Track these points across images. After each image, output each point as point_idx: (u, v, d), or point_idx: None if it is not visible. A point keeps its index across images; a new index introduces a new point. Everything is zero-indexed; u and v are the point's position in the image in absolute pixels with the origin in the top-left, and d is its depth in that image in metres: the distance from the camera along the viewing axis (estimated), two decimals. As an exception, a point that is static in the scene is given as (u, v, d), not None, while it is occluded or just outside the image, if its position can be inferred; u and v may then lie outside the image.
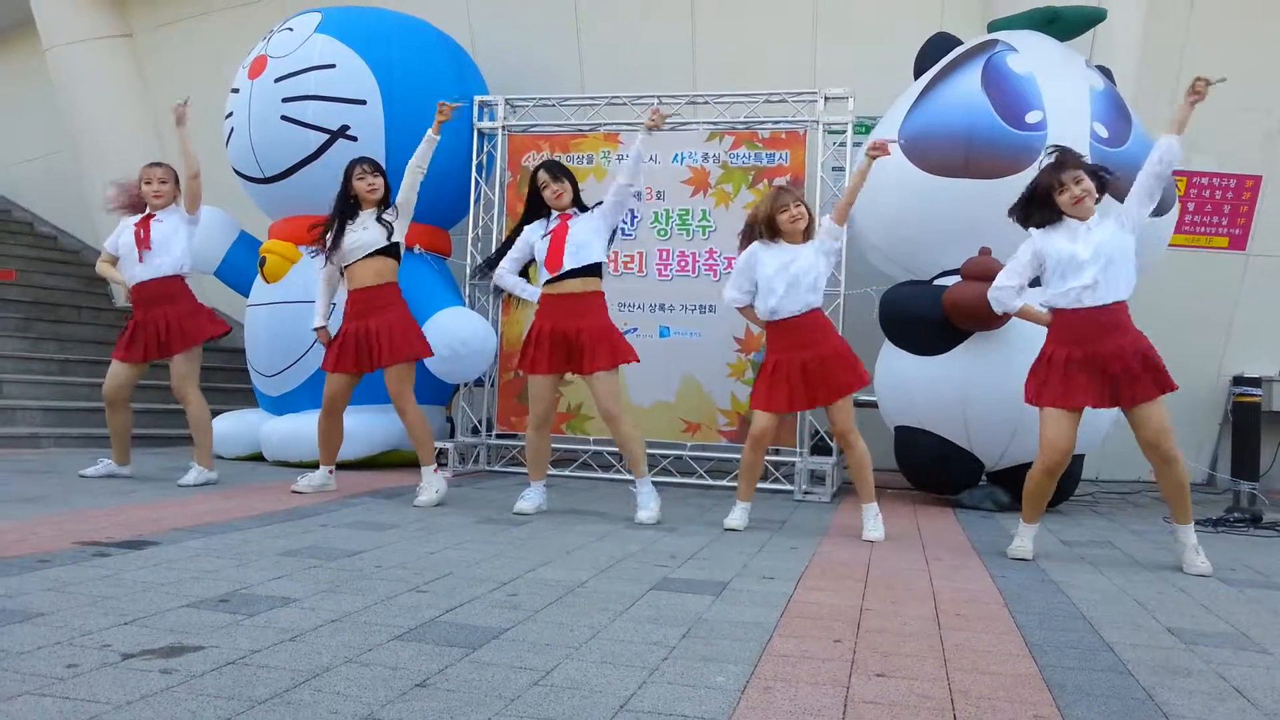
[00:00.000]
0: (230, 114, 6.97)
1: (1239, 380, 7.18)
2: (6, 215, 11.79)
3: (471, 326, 6.26)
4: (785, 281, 4.45)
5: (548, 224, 4.79)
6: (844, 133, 6.30)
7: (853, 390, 4.51)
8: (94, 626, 2.43)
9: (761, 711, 2.03)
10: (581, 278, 4.68)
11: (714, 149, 6.48)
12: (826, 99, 6.33)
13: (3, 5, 10.92)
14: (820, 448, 6.26)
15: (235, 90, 6.96)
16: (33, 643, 2.27)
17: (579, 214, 4.80)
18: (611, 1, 8.00)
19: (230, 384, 8.79)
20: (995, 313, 4.41)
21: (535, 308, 4.82)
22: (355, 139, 6.49)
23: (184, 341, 5.29)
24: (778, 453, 6.32)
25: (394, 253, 5.06)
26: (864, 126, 6.41)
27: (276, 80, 6.65)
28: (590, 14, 8.03)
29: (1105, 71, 6.06)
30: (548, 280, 4.71)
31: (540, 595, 3.00)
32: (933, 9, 7.38)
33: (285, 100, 6.59)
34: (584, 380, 4.78)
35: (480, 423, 6.95)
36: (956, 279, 5.49)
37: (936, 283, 5.76)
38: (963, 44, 6.10)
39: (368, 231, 4.99)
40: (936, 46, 6.16)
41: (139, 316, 5.33)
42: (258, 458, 6.63)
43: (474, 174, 6.97)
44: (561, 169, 4.84)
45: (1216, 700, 2.25)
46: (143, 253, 5.28)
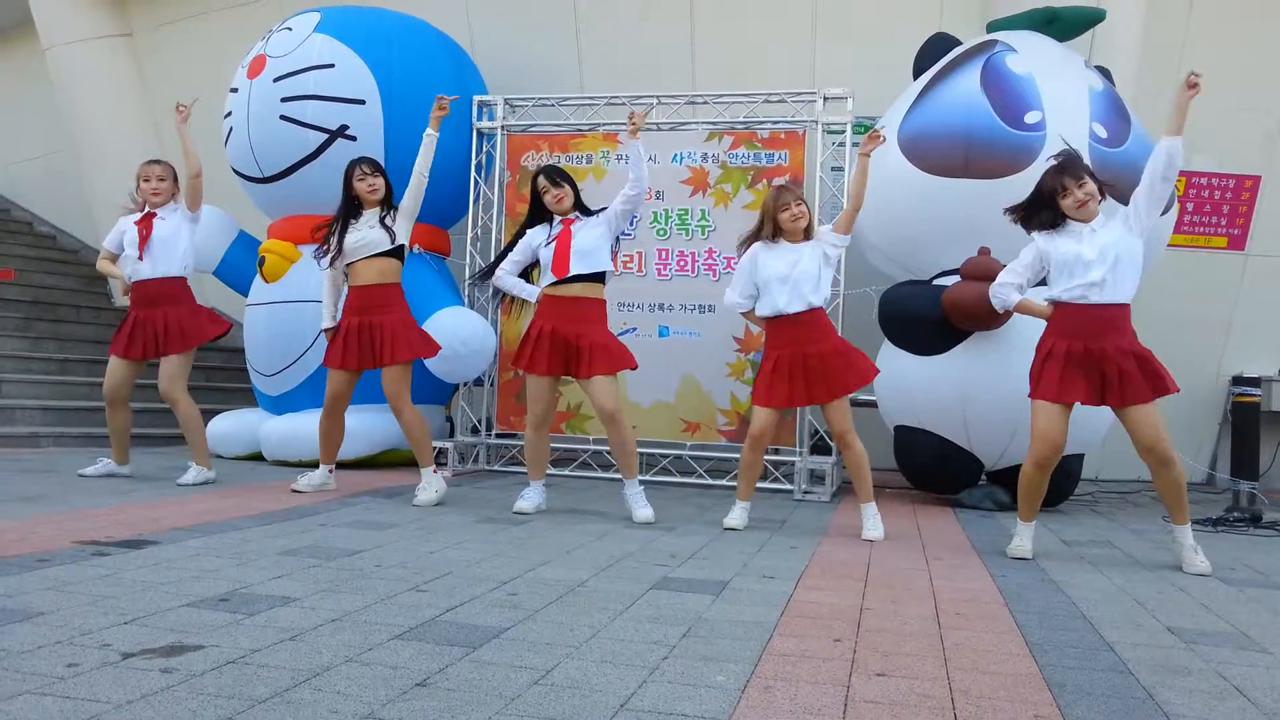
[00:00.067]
0: (229, 113, 6.97)
1: (1238, 380, 7.18)
2: (6, 215, 11.79)
3: (471, 326, 6.26)
4: (787, 280, 4.45)
5: (551, 230, 4.78)
6: (843, 133, 6.29)
7: (853, 390, 4.52)
8: (94, 626, 2.43)
9: (762, 711, 2.03)
10: (586, 283, 4.69)
11: (713, 149, 6.48)
12: (826, 99, 6.33)
13: (3, 5, 10.92)
14: (820, 447, 6.25)
15: (234, 90, 6.95)
16: (33, 642, 2.27)
17: (582, 217, 4.80)
18: (611, 1, 8.00)
19: (230, 384, 8.79)
20: (995, 311, 4.41)
21: (534, 307, 4.83)
22: (354, 139, 6.49)
23: (183, 342, 5.28)
24: (777, 452, 6.32)
25: (398, 254, 5.06)
26: (863, 126, 6.41)
27: (275, 80, 6.64)
28: (589, 14, 8.03)
29: (1104, 72, 6.07)
30: (552, 282, 4.71)
31: (540, 594, 3.00)
32: (932, 9, 7.38)
33: (284, 100, 6.59)
34: (581, 384, 4.77)
35: (480, 422, 6.95)
36: (956, 279, 5.50)
37: (936, 282, 5.76)
38: (962, 44, 6.11)
39: (373, 230, 4.99)
40: (936, 47, 6.17)
41: (138, 315, 5.30)
42: (257, 457, 6.63)
43: (473, 174, 6.97)
44: (561, 174, 4.84)
45: (1217, 699, 2.25)
46: (144, 251, 5.27)
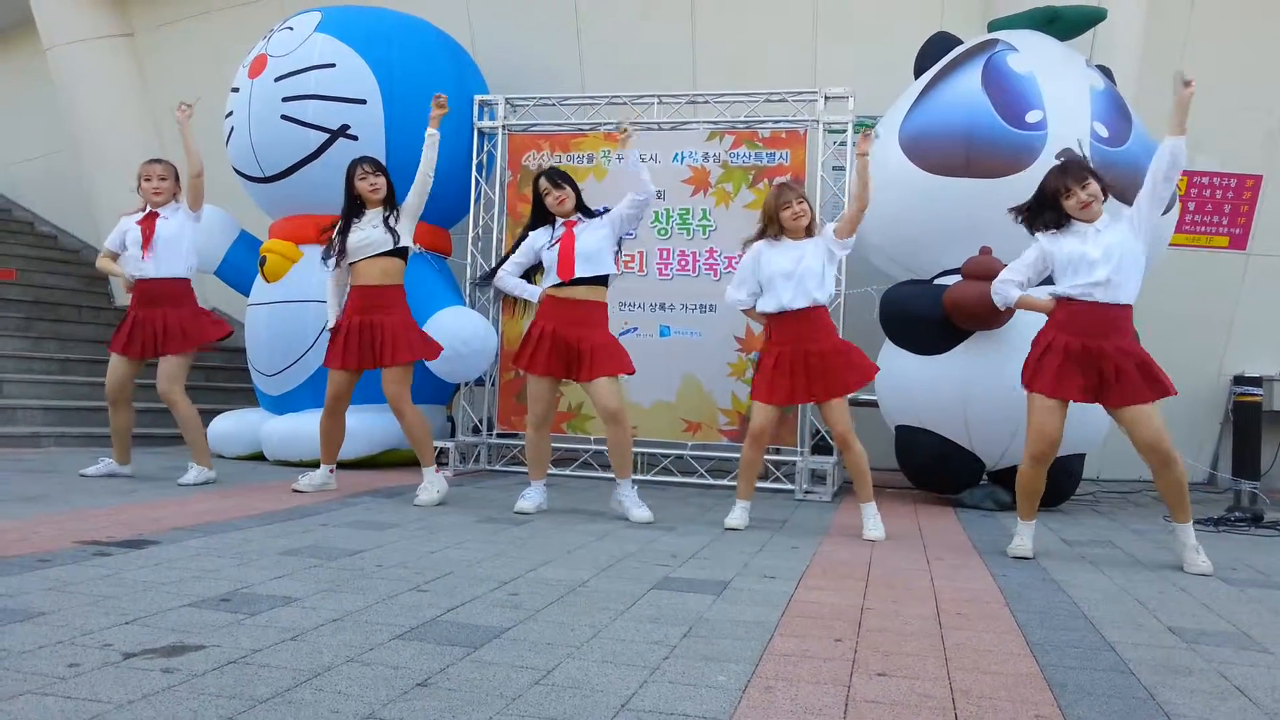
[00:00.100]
0: (230, 113, 6.97)
1: (1240, 380, 7.18)
2: (7, 215, 11.79)
3: (472, 326, 6.26)
4: (792, 276, 4.45)
5: (553, 232, 4.77)
6: (844, 132, 6.29)
7: (853, 390, 4.52)
8: (95, 626, 2.43)
9: (763, 711, 2.03)
10: (590, 286, 4.68)
11: (714, 148, 6.48)
12: (827, 98, 6.33)
13: (3, 5, 10.92)
14: (821, 447, 6.25)
15: (235, 89, 6.95)
16: (34, 642, 2.27)
17: (584, 219, 4.80)
18: (611, 1, 8.00)
19: (230, 383, 8.79)
20: (996, 310, 4.40)
21: (536, 307, 4.82)
22: (355, 138, 6.49)
23: (183, 343, 5.28)
24: (778, 452, 6.32)
25: (401, 254, 5.05)
26: (864, 125, 6.40)
27: (276, 79, 6.64)
28: (590, 13, 8.03)
29: (1106, 71, 6.06)
30: (556, 284, 4.69)
31: (541, 594, 3.00)
32: (933, 8, 7.38)
33: (285, 99, 6.59)
34: (583, 385, 4.77)
35: (481, 422, 6.95)
36: (957, 278, 5.49)
37: (937, 282, 5.76)
38: (963, 43, 6.10)
39: (376, 230, 4.98)
40: (937, 46, 6.16)
41: (138, 314, 5.29)
42: (258, 457, 6.63)
43: (474, 173, 6.97)
44: (562, 175, 4.83)
45: (1218, 700, 2.25)
46: (148, 250, 5.27)
